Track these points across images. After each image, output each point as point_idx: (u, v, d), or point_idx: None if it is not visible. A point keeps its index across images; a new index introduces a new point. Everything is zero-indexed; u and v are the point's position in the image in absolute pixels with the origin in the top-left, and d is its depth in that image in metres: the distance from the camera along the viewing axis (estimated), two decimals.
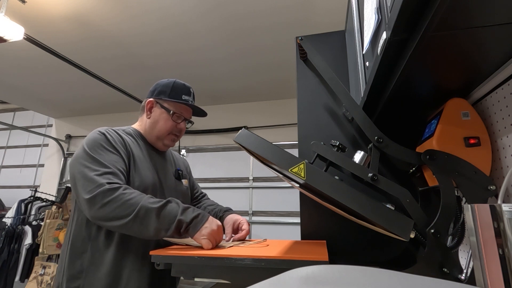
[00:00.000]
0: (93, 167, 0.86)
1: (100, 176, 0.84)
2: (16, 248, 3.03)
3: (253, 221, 3.26)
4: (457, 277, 0.65)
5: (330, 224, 1.07)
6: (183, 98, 1.08)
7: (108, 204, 0.81)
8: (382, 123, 0.89)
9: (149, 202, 0.83)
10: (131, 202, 0.81)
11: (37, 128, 4.39)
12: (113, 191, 0.82)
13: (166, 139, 1.09)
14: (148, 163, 1.03)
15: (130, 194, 0.83)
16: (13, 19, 1.86)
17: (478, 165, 0.68)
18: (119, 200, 0.81)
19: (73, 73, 2.78)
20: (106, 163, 0.88)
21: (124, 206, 0.81)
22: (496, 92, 0.71)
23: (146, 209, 0.81)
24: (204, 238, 0.83)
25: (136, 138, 1.06)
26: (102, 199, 0.81)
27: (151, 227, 0.81)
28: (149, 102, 1.09)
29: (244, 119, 3.55)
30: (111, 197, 0.81)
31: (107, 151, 0.92)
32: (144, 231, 0.82)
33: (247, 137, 0.76)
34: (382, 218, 0.64)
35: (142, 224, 0.81)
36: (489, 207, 0.47)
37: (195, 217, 0.85)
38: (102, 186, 0.82)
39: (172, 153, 1.24)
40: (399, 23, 0.53)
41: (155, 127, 1.07)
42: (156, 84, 1.12)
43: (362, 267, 0.36)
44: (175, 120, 1.07)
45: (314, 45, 1.10)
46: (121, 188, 0.84)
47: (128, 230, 0.83)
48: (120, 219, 0.80)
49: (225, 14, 2.06)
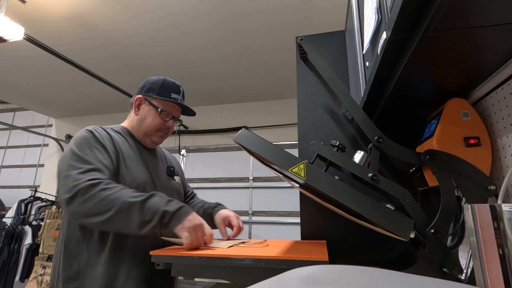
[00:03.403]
0: (77, 165, 0.85)
1: (82, 174, 0.83)
2: (16, 248, 3.03)
3: (253, 221, 3.26)
4: (457, 277, 0.65)
5: (330, 224, 1.07)
6: (172, 96, 1.07)
7: (88, 200, 0.79)
8: (382, 123, 0.89)
9: (132, 196, 0.81)
10: (112, 197, 0.80)
11: (37, 128, 4.39)
12: (93, 187, 0.81)
13: (154, 136, 1.08)
14: (139, 160, 1.02)
15: (112, 189, 0.82)
16: (13, 19, 1.86)
17: (478, 165, 0.68)
18: (99, 196, 0.80)
19: (73, 73, 2.78)
20: (90, 160, 0.87)
21: (105, 201, 0.79)
22: (496, 92, 0.71)
23: (129, 203, 0.80)
24: (185, 231, 0.82)
25: (125, 136, 1.05)
26: (82, 196, 0.79)
27: (135, 221, 0.80)
28: (137, 98, 1.08)
29: (244, 119, 3.55)
30: (91, 192, 0.80)
31: (94, 148, 0.91)
32: (127, 225, 0.80)
33: (247, 137, 0.76)
34: (382, 218, 0.64)
35: (125, 218, 0.79)
36: (489, 207, 0.47)
37: (179, 208, 0.84)
38: (83, 183, 0.81)
39: (162, 150, 1.22)
40: (399, 23, 0.53)
41: (142, 123, 1.06)
42: (145, 81, 1.11)
43: (362, 267, 0.36)
44: (163, 118, 1.06)
45: (314, 45, 1.10)
46: (102, 183, 0.82)
47: (110, 226, 0.82)
48: (101, 215, 0.79)
49: (225, 14, 2.06)
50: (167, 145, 3.64)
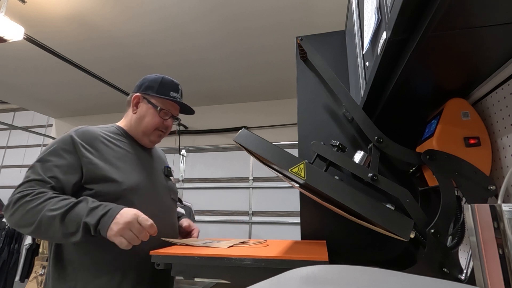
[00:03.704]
0: (28, 173, 0.86)
1: (23, 184, 0.84)
2: (16, 248, 3.03)
3: (253, 221, 3.26)
4: (457, 277, 0.65)
5: (330, 224, 1.07)
6: (171, 94, 1.05)
7: (16, 212, 0.80)
8: (382, 123, 0.89)
9: (53, 209, 0.78)
10: (34, 211, 0.79)
11: (37, 128, 4.39)
12: (20, 199, 0.81)
13: (153, 135, 1.06)
14: (135, 160, 1.00)
15: (36, 200, 0.80)
16: (13, 19, 1.86)
17: (478, 165, 0.68)
18: (24, 209, 0.80)
19: (73, 73, 2.78)
20: (40, 170, 0.85)
21: (29, 215, 0.79)
22: (496, 92, 0.71)
23: (49, 217, 0.78)
24: (116, 236, 0.75)
25: (121, 136, 1.03)
26: (12, 207, 0.81)
27: (57, 234, 0.78)
28: (135, 97, 1.06)
29: (244, 119, 3.55)
30: (18, 205, 0.80)
31: (59, 156, 0.87)
32: (52, 238, 0.82)
33: (247, 137, 0.76)
34: (382, 218, 0.64)
35: (47, 232, 0.79)
36: (489, 207, 0.47)
37: (102, 215, 0.77)
38: (14, 195, 0.82)
39: (158, 150, 1.20)
40: (399, 23, 0.53)
41: (141, 122, 1.04)
42: (143, 79, 1.09)
43: (362, 267, 0.36)
44: (162, 116, 1.05)
45: (314, 45, 1.10)
46: (29, 195, 0.81)
47: (39, 236, 0.84)
48: (27, 227, 0.80)
49: (226, 14, 2.06)
50: (168, 145, 3.65)
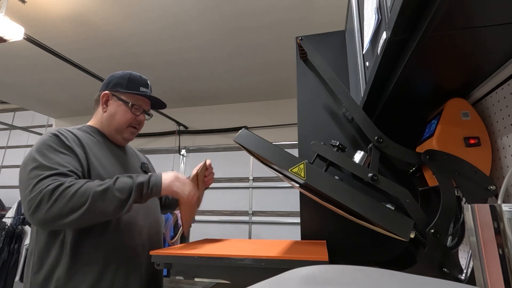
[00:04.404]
0: (38, 172, 0.80)
1: (44, 180, 0.79)
2: (16, 248, 3.03)
3: (253, 221, 3.26)
4: (457, 277, 0.65)
5: (330, 224, 1.07)
6: (141, 90, 1.05)
7: (56, 202, 0.76)
8: (382, 123, 0.89)
9: (99, 184, 0.80)
10: (81, 191, 0.77)
11: (37, 128, 4.39)
12: (57, 188, 0.77)
13: (125, 132, 1.05)
14: (110, 158, 0.99)
15: (76, 184, 0.79)
16: (13, 19, 1.86)
17: (478, 165, 0.68)
18: (67, 194, 0.76)
19: (73, 73, 2.78)
20: (52, 165, 0.82)
21: (76, 197, 0.76)
22: (496, 92, 0.71)
23: (101, 190, 0.78)
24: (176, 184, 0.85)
25: (94, 135, 1.01)
26: (48, 201, 0.76)
27: (114, 202, 0.78)
28: (104, 94, 1.04)
29: (244, 119, 3.55)
30: (57, 194, 0.76)
31: (57, 152, 0.86)
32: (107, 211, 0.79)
33: (247, 137, 0.76)
34: (382, 218, 0.64)
35: (101, 207, 0.78)
36: (489, 207, 0.47)
37: (150, 176, 0.85)
38: (45, 189, 0.76)
39: (133, 148, 1.19)
40: (399, 23, 0.53)
41: (113, 120, 1.03)
42: (110, 76, 1.07)
43: (362, 267, 0.36)
44: (134, 112, 1.04)
45: (314, 45, 1.10)
46: (65, 183, 0.78)
47: (88, 218, 0.78)
48: (76, 211, 0.76)
49: (225, 13, 2.06)
50: (168, 145, 3.65)
